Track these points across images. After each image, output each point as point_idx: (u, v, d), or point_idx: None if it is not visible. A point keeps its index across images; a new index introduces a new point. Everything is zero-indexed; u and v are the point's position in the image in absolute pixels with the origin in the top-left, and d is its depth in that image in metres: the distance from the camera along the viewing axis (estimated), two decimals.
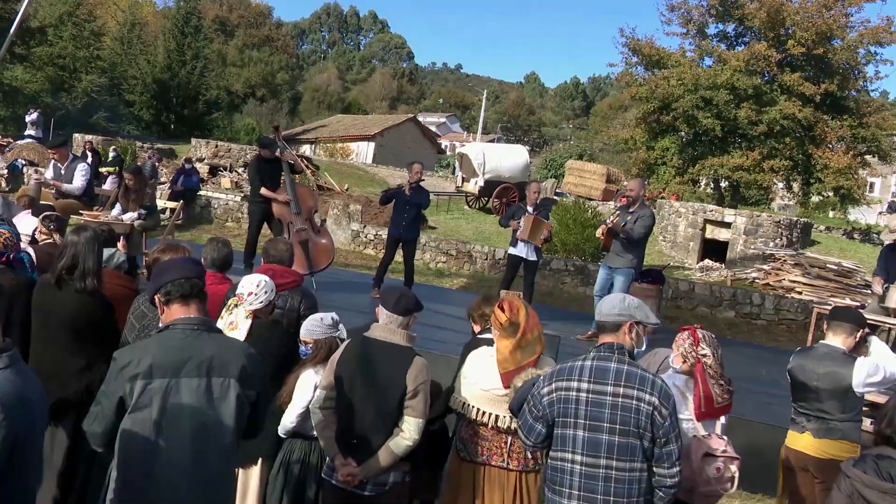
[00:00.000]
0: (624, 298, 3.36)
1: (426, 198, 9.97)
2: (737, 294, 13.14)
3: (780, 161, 21.30)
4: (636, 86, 22.72)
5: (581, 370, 3.24)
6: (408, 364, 3.68)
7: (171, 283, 2.99)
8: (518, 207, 9.66)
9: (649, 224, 8.53)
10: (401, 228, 9.57)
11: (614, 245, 8.59)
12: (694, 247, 18.73)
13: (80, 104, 43.25)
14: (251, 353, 3.03)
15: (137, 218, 8.36)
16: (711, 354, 3.87)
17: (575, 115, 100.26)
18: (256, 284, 4.12)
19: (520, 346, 3.85)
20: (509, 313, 3.89)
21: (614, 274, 8.62)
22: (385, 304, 3.81)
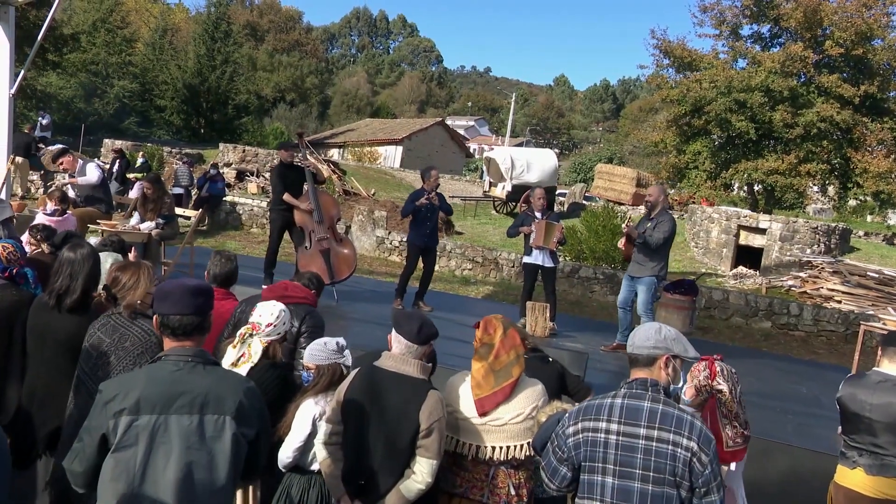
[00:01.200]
0: (660, 329, 2.98)
1: (446, 202, 9.70)
2: (773, 304, 12.68)
3: (816, 165, 20.71)
4: (667, 88, 22.23)
5: (611, 409, 2.88)
6: (422, 398, 3.36)
7: (166, 317, 2.74)
8: (525, 215, 9.36)
9: (668, 229, 8.16)
10: (425, 237, 9.30)
11: (635, 254, 8.29)
12: (727, 253, 18.26)
13: (111, 109, 43.72)
14: (250, 388, 2.77)
15: (155, 227, 8.19)
16: (728, 391, 3.60)
17: (604, 118, 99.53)
18: (276, 315, 3.88)
19: (493, 368, 3.59)
20: (483, 332, 3.66)
21: (637, 284, 8.30)
22: (403, 332, 3.51)
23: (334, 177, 25.44)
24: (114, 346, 3.54)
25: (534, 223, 8.97)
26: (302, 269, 8.96)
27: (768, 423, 6.20)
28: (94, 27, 45.05)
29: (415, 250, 9.40)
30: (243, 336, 3.77)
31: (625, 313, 8.46)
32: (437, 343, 7.36)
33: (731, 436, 3.54)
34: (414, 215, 9.26)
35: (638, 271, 8.28)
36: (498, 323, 3.73)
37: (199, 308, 2.76)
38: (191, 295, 2.77)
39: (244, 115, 46.85)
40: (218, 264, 4.89)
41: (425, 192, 9.23)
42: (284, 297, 4.42)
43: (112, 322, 3.65)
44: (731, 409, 3.55)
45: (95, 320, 3.75)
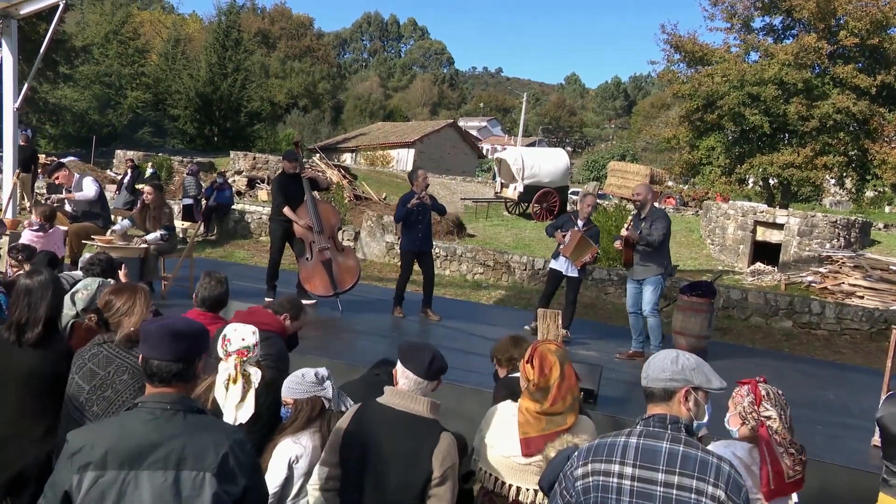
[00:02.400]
0: (676, 358, 2.61)
1: (437, 202, 9.44)
2: (794, 302, 12.34)
3: (833, 157, 20.31)
4: (679, 83, 21.91)
5: (624, 450, 2.51)
6: (434, 442, 3.00)
7: (146, 360, 2.49)
8: (568, 219, 9.01)
9: (665, 225, 7.96)
10: (417, 241, 9.02)
11: (635, 257, 8.04)
12: (744, 250, 17.91)
13: (125, 120, 43.94)
14: (239, 440, 2.46)
15: (160, 239, 8.01)
16: (778, 417, 3.17)
17: (616, 115, 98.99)
18: (254, 332, 3.49)
19: (546, 413, 3.26)
20: (538, 374, 3.24)
21: (643, 285, 8.06)
22: (411, 367, 3.14)
23: (344, 182, 25.30)
24: (109, 380, 3.24)
25: (571, 231, 8.68)
26: (304, 281, 8.79)
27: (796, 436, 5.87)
28: (107, 39, 45.32)
29: (408, 256, 9.11)
30: (239, 368, 3.38)
31: (636, 318, 8.21)
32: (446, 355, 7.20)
33: (790, 465, 3.14)
34: (405, 219, 9.00)
35: (643, 273, 8.05)
36: (555, 360, 3.33)
37: (181, 354, 2.47)
38: (172, 339, 2.47)
39: (257, 122, 46.92)
40: (207, 287, 4.62)
41: (415, 194, 8.97)
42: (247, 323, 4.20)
43: (104, 352, 3.33)
44: (785, 437, 3.14)
45: (82, 349, 3.41)
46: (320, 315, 8.67)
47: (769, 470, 3.10)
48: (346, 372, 6.23)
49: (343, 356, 6.85)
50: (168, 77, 46.39)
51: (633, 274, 8.16)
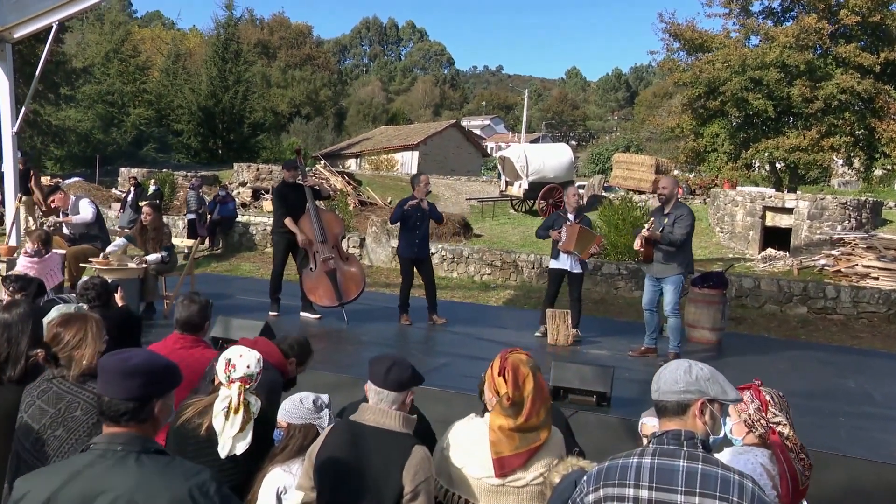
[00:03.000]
0: (689, 368, 2.43)
1: (436, 210, 9.35)
2: (808, 287, 12.14)
3: (840, 138, 20.06)
4: (679, 72, 21.70)
5: (638, 472, 2.32)
6: (405, 456, 2.90)
7: (99, 397, 2.32)
8: (557, 216, 8.83)
9: (690, 223, 7.63)
10: (414, 247, 8.92)
11: (656, 254, 7.71)
12: (754, 236, 17.71)
13: (129, 138, 44.03)
14: (200, 483, 2.22)
15: (160, 260, 7.92)
16: (787, 421, 2.99)
17: (619, 107, 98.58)
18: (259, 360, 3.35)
19: (520, 429, 3.03)
20: (512, 387, 3.01)
21: (663, 284, 7.76)
22: (373, 377, 3.06)
23: (349, 188, 25.22)
24: (60, 417, 3.04)
25: (565, 226, 8.50)
26: (308, 291, 8.68)
27: (818, 430, 5.64)
28: (107, 58, 45.46)
29: (406, 263, 9.02)
30: (242, 397, 3.20)
31: (651, 315, 7.95)
32: (451, 363, 7.09)
33: (801, 470, 2.97)
34: (403, 223, 8.88)
35: (662, 271, 7.73)
36: (528, 371, 3.07)
37: (134, 392, 2.27)
38: (125, 375, 2.27)
39: (260, 132, 46.92)
40: (183, 307, 4.48)
41: (414, 198, 8.88)
42: None
43: (54, 388, 3.11)
44: (795, 442, 2.96)
45: (30, 385, 3.19)
46: (325, 327, 8.55)
47: (788, 477, 2.93)
48: (351, 386, 6.11)
49: (349, 370, 6.72)
50: (170, 92, 46.51)
51: (653, 272, 7.83)
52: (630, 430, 5.53)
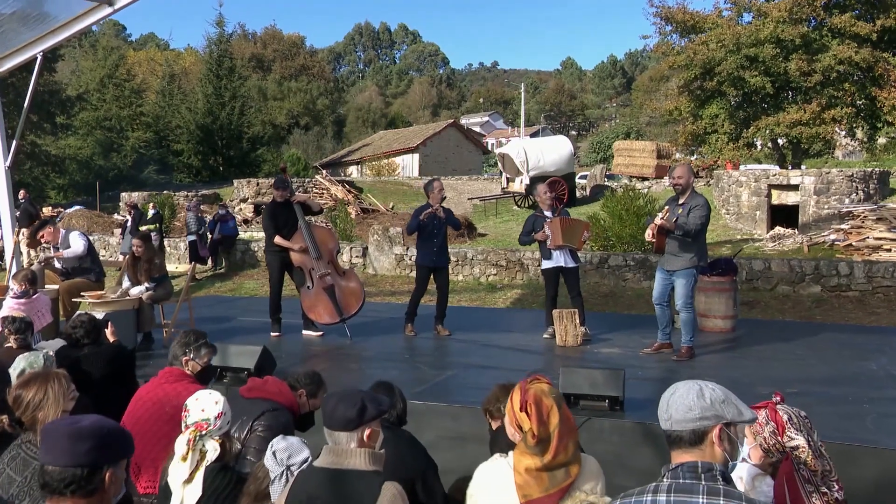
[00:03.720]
0: (701, 392, 2.21)
1: (454, 216, 9.14)
2: (820, 266, 11.88)
3: (841, 109, 19.74)
4: (673, 55, 21.44)
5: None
6: (374, 495, 2.67)
7: (41, 468, 2.10)
8: (535, 217, 8.62)
9: (705, 213, 7.30)
10: (433, 256, 8.72)
11: (669, 244, 7.37)
12: (761, 216, 17.44)
13: (130, 162, 44.01)
14: None
15: (146, 290, 7.75)
16: (805, 443, 2.68)
17: (616, 94, 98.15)
18: (221, 403, 3.18)
19: (548, 468, 2.78)
20: (537, 423, 2.74)
21: (674, 277, 7.44)
22: (325, 419, 2.79)
23: (350, 196, 25.07)
24: (27, 486, 2.85)
25: (546, 224, 8.31)
26: (307, 310, 8.51)
27: (843, 420, 5.38)
28: (102, 84, 45.45)
29: (423, 271, 8.82)
30: (192, 443, 3.04)
31: (662, 310, 7.66)
32: (458, 374, 6.90)
33: None
34: (420, 232, 8.70)
35: (674, 263, 7.40)
36: (552, 403, 2.80)
37: (81, 458, 2.04)
38: (73, 439, 2.05)
39: (259, 146, 46.85)
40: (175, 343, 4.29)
41: (430, 206, 8.69)
42: (252, 390, 3.90)
43: (22, 454, 2.90)
44: (816, 470, 2.65)
45: (4, 452, 3.01)
46: (328, 344, 8.37)
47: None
48: None
49: (356, 386, 6.52)
50: (167, 113, 46.51)
51: (665, 263, 7.51)
52: (646, 435, 5.33)
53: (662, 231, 7.30)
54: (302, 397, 4.08)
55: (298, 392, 4.07)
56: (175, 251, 17.73)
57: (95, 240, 19.50)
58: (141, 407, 4.35)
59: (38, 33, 12.67)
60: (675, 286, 7.42)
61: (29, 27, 12.60)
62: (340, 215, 19.34)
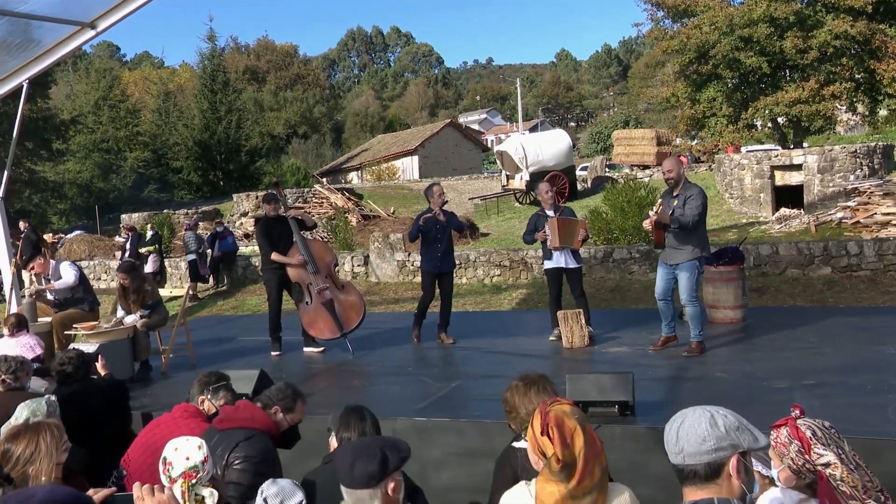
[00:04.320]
0: (713, 419, 2.03)
1: (457, 218, 8.94)
2: (829, 246, 11.64)
3: (840, 85, 19.50)
4: (666, 40, 21.20)
5: None
6: None
7: None
8: (537, 216, 8.43)
9: (701, 202, 7.10)
10: (437, 262, 8.52)
11: (669, 238, 7.18)
12: (765, 198, 17.18)
13: (129, 182, 43.94)
14: None
15: (140, 318, 7.58)
16: (836, 457, 2.41)
17: (613, 82, 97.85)
18: (202, 447, 2.91)
19: (573, 496, 2.54)
20: (560, 446, 2.51)
21: (677, 271, 7.23)
22: (339, 478, 2.57)
23: (349, 204, 24.89)
24: None
25: (546, 224, 8.13)
26: (307, 326, 8.34)
27: (864, 411, 5.14)
28: (98, 106, 45.40)
29: (429, 278, 8.61)
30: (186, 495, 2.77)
31: (666, 305, 7.43)
32: (462, 385, 6.70)
33: None
34: (423, 237, 8.51)
35: (675, 257, 7.19)
36: (575, 424, 2.59)
37: None
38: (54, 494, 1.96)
39: (258, 158, 46.70)
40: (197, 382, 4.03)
41: (431, 211, 8.49)
42: (224, 421, 3.66)
43: None
44: (855, 484, 2.39)
45: None
46: (330, 361, 8.19)
47: None
48: None
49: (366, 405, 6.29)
50: (164, 131, 46.39)
51: (666, 258, 7.29)
52: (658, 440, 5.13)
53: (660, 226, 7.10)
54: (277, 414, 3.82)
55: (272, 410, 3.81)
56: (176, 271, 17.59)
57: (97, 264, 19.39)
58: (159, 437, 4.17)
59: (23, 61, 12.52)
60: (679, 280, 7.21)
61: (13, 55, 12.45)
62: (340, 224, 19.15)
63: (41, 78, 31.32)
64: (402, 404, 6.08)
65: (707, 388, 6.10)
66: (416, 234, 8.51)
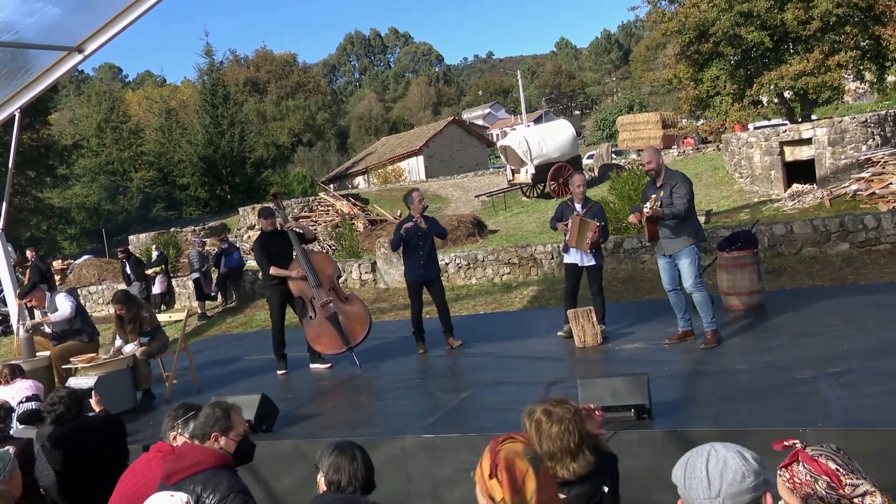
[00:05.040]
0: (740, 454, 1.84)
1: (439, 224, 8.70)
2: (845, 221, 11.29)
3: (845, 54, 19.06)
4: (665, 21, 20.82)
5: None
6: None
7: None
8: (565, 206, 8.20)
9: (688, 189, 6.94)
10: (420, 269, 8.29)
11: (662, 230, 7.01)
12: (776, 175, 16.81)
13: (136, 202, 44.00)
14: None
15: (139, 346, 7.37)
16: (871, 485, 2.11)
17: (615, 67, 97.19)
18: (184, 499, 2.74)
19: None
20: (510, 491, 2.25)
21: (677, 260, 7.06)
22: None
23: (355, 210, 24.69)
24: None
25: (570, 218, 7.90)
26: (311, 342, 8.12)
27: (892, 399, 4.83)
28: (100, 129, 45.49)
29: (413, 287, 8.38)
30: None
31: (677, 295, 7.22)
32: (472, 395, 6.44)
33: None
34: (405, 246, 8.28)
35: (672, 246, 7.04)
36: (526, 466, 2.33)
37: None
38: None
39: (263, 169, 46.62)
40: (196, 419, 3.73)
41: (411, 219, 8.27)
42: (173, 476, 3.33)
43: None
44: None
45: None
46: (337, 377, 7.95)
47: None
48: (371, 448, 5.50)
49: (358, 429, 6.05)
50: (168, 149, 46.44)
51: (663, 249, 7.12)
52: (678, 443, 4.85)
53: (652, 219, 6.92)
54: (220, 441, 3.48)
55: (212, 439, 3.48)
56: (184, 290, 17.43)
57: (104, 288, 19.26)
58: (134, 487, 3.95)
59: (13, 90, 12.41)
60: (681, 268, 7.04)
61: (2, 85, 12.35)
62: (345, 232, 18.93)
63: (40, 105, 31.49)
64: (411, 420, 5.85)
65: (727, 382, 5.81)
66: (399, 244, 8.30)
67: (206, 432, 3.47)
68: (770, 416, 4.87)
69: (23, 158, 30.23)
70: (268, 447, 5.75)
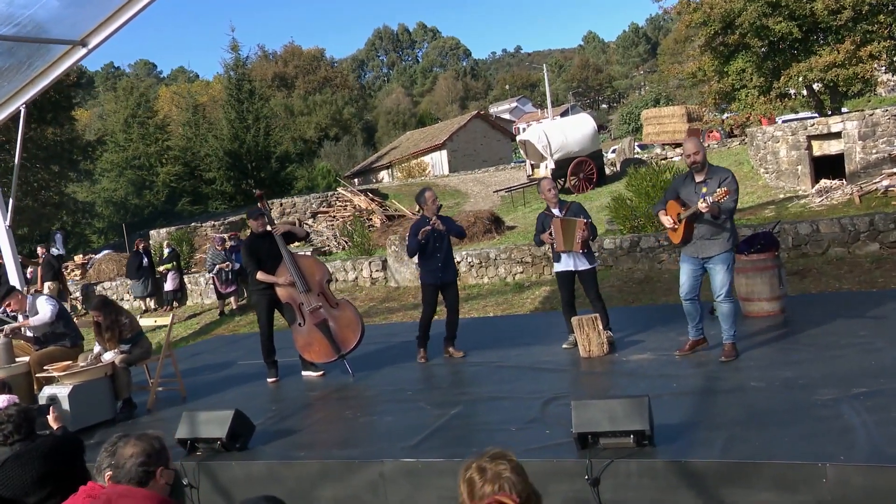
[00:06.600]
0: None
1: (455, 223, 8.25)
2: (875, 220, 10.66)
3: (878, 44, 18.30)
4: (689, 12, 20.16)
5: None
6: None
7: None
8: (544, 216, 7.67)
9: (736, 188, 6.26)
10: (437, 273, 7.85)
11: (700, 229, 6.32)
12: (803, 170, 16.14)
13: (163, 196, 44.19)
14: None
15: (119, 353, 7.04)
16: None
17: (643, 61, 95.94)
18: None
19: None
20: None
21: (710, 265, 6.37)
22: None
23: (373, 205, 24.35)
24: None
25: (552, 225, 7.40)
26: (301, 350, 7.74)
27: None
28: (128, 124, 45.72)
29: (429, 290, 7.95)
30: None
31: (693, 305, 6.60)
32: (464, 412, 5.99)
33: None
34: (421, 249, 7.84)
35: (710, 249, 6.33)
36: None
37: None
38: None
39: (288, 164, 46.52)
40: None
41: (427, 220, 7.81)
42: None
43: None
44: None
45: None
46: (328, 387, 7.55)
47: None
48: (341, 474, 5.10)
49: (343, 447, 5.63)
50: (194, 144, 46.57)
51: (698, 251, 6.39)
52: (684, 476, 4.37)
53: (692, 219, 6.27)
54: (164, 475, 3.06)
55: (157, 475, 3.03)
56: (196, 287, 17.19)
57: (118, 284, 19.08)
58: None
59: (17, 85, 12.24)
60: (713, 274, 6.36)
61: (6, 80, 12.16)
62: (357, 228, 18.55)
63: (64, 101, 31.54)
64: (394, 440, 5.42)
65: (740, 403, 5.27)
66: (416, 249, 7.83)
67: (151, 467, 3.01)
68: (785, 446, 4.34)
69: (47, 154, 30.31)
70: (240, 468, 5.38)
